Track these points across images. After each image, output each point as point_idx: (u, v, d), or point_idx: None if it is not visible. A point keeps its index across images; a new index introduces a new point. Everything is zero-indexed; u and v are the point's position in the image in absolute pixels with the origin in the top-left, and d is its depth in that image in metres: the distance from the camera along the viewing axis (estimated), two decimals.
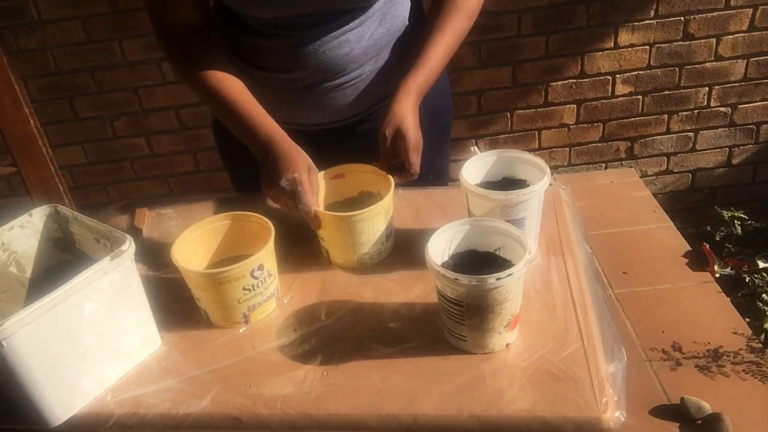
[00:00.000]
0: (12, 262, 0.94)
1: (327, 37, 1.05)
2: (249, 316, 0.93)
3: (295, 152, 0.98)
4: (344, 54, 1.07)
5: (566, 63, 2.15)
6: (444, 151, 1.34)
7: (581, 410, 0.74)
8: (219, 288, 0.89)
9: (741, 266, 1.91)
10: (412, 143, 1.02)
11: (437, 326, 0.87)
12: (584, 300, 0.90)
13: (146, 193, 2.35)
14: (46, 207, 0.96)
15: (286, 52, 1.07)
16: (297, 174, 0.95)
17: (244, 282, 0.89)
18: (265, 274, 0.91)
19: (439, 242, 0.86)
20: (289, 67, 1.09)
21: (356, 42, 1.07)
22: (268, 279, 0.92)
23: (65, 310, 0.78)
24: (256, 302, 0.92)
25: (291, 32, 1.05)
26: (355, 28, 1.06)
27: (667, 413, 1.42)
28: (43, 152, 1.64)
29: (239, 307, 0.91)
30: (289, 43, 1.06)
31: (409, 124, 1.03)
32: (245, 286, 0.89)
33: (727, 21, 2.09)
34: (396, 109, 1.03)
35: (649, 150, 2.34)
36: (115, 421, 0.82)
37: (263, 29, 1.07)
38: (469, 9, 1.09)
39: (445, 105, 1.29)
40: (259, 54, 1.10)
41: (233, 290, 0.89)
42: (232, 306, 0.91)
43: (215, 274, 0.88)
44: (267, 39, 1.07)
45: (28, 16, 2.00)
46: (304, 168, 0.97)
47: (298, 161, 0.97)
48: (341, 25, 1.05)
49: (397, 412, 0.77)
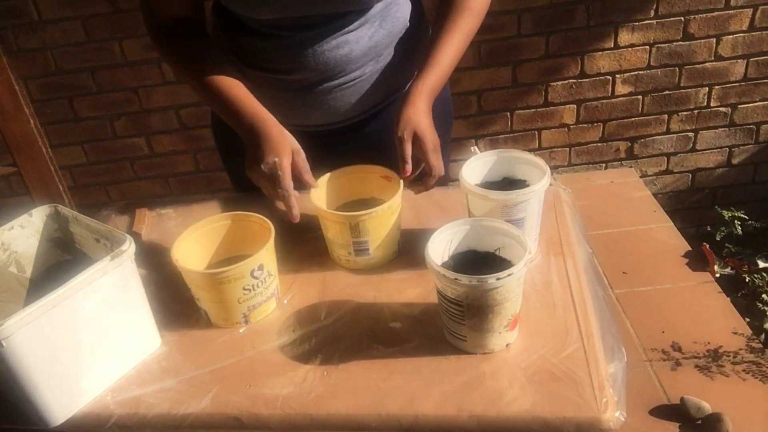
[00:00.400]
0: (12, 262, 0.94)
1: (326, 38, 1.05)
2: (249, 316, 0.93)
3: (279, 135, 0.97)
4: (344, 55, 1.07)
5: (566, 63, 2.15)
6: (445, 150, 1.33)
7: (581, 410, 0.74)
8: (219, 288, 0.89)
9: (741, 266, 1.91)
10: (431, 145, 1.01)
11: (437, 326, 0.87)
12: (584, 300, 0.90)
13: (146, 193, 2.35)
14: (46, 207, 0.96)
15: (286, 53, 1.07)
16: (278, 158, 0.94)
17: (244, 282, 0.89)
18: (265, 274, 0.91)
19: (439, 242, 0.86)
20: (288, 68, 1.09)
21: (356, 43, 1.07)
22: (268, 279, 0.92)
23: (65, 310, 0.78)
24: (256, 302, 0.92)
25: (290, 33, 1.05)
26: (354, 29, 1.06)
27: (667, 413, 1.42)
28: (43, 152, 1.64)
29: (239, 307, 0.91)
30: (288, 44, 1.06)
31: (425, 126, 1.01)
32: (245, 286, 0.89)
33: (727, 21, 2.09)
34: (411, 112, 1.01)
35: (649, 150, 2.34)
36: (115, 421, 0.82)
37: (262, 30, 1.07)
38: (476, 8, 1.09)
39: (446, 107, 1.29)
40: (258, 55, 1.10)
41: (233, 290, 0.89)
42: (232, 306, 0.91)
43: (215, 274, 0.88)
44: (266, 40, 1.07)
45: (28, 16, 2.00)
46: (286, 152, 0.96)
47: (280, 145, 0.96)
48: (341, 27, 1.05)
49: (397, 412, 0.77)
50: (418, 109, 1.02)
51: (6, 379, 0.77)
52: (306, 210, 1.01)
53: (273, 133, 0.97)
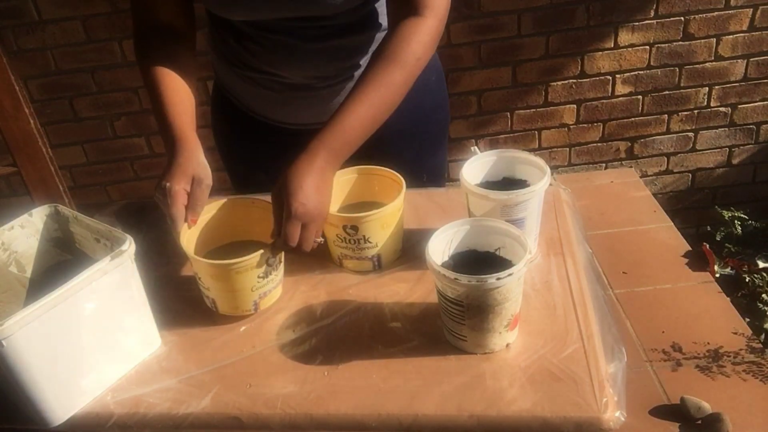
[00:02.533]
0: (12, 262, 0.94)
1: (310, 42, 1.04)
2: (259, 303, 0.93)
3: (185, 162, 0.93)
4: (329, 57, 1.06)
5: (566, 63, 2.15)
6: (440, 151, 1.31)
7: (581, 410, 0.74)
8: (234, 277, 0.89)
9: (741, 266, 1.91)
10: (291, 212, 0.88)
11: (437, 326, 0.87)
12: (584, 300, 0.90)
13: (146, 193, 2.35)
14: (46, 207, 0.96)
15: (268, 54, 1.07)
16: (170, 184, 0.91)
17: (259, 270, 0.89)
18: (277, 260, 0.92)
19: (439, 242, 0.86)
20: (274, 68, 1.08)
21: (340, 48, 1.05)
22: (278, 264, 0.93)
23: (65, 310, 0.78)
24: (267, 289, 0.93)
25: (275, 36, 1.05)
26: (338, 34, 1.04)
27: (667, 413, 1.42)
28: (43, 152, 1.64)
29: (252, 295, 0.91)
30: (274, 47, 1.06)
31: (294, 190, 0.88)
32: (260, 274, 0.90)
33: (727, 21, 2.09)
34: (293, 171, 0.90)
35: (649, 150, 2.34)
36: (115, 421, 0.82)
37: (247, 30, 1.07)
38: (405, 59, 0.95)
39: (440, 104, 1.26)
40: (245, 55, 1.10)
41: (248, 279, 0.89)
42: (245, 294, 0.91)
43: (229, 265, 0.88)
44: (250, 41, 1.07)
45: (28, 16, 2.00)
46: (182, 179, 0.91)
47: (180, 171, 0.92)
48: (325, 30, 1.04)
49: (397, 412, 0.77)
50: (302, 169, 0.90)
51: (6, 379, 0.77)
52: None
53: (181, 158, 0.93)
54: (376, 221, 0.96)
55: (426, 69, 1.07)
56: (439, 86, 1.24)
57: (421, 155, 1.18)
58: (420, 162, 1.18)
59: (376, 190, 1.07)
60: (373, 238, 0.97)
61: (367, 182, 1.07)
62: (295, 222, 0.88)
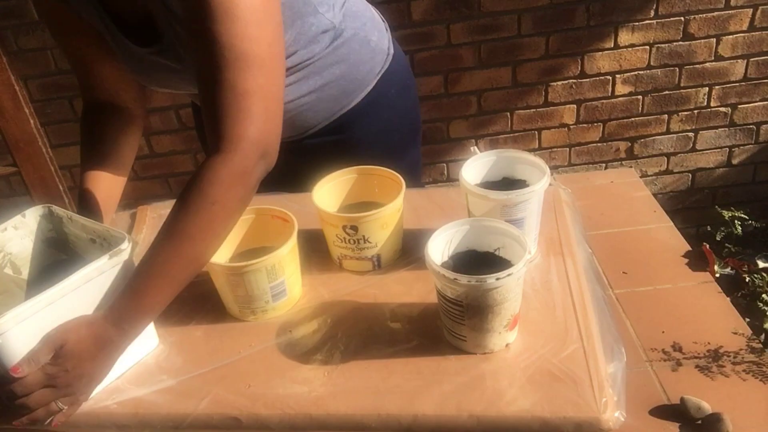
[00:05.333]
0: (7, 263, 0.94)
1: None
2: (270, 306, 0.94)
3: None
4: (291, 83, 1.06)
5: (566, 63, 2.15)
6: (413, 152, 1.30)
7: (581, 410, 0.74)
8: (246, 278, 0.90)
9: (741, 266, 1.91)
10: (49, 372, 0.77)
11: (437, 326, 0.87)
12: (584, 300, 0.90)
13: (146, 193, 2.34)
14: (39, 207, 0.95)
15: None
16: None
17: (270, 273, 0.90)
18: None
19: (438, 242, 0.86)
20: None
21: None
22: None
23: (62, 307, 0.78)
24: (279, 291, 0.93)
25: None
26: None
27: (667, 413, 1.42)
28: (43, 152, 1.64)
29: (265, 296, 0.92)
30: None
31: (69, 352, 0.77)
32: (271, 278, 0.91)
33: (727, 21, 2.09)
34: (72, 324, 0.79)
35: (649, 150, 2.34)
36: (115, 421, 0.82)
37: None
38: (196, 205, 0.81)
39: (402, 114, 1.24)
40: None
41: (259, 281, 0.90)
42: (258, 296, 0.92)
43: (240, 267, 0.89)
44: None
45: (28, 16, 2.00)
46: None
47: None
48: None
49: (397, 412, 0.77)
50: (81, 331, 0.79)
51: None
52: (307, 210, 1.01)
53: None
54: (376, 221, 0.96)
55: (382, 83, 1.13)
56: (401, 97, 1.22)
57: (393, 158, 1.17)
58: (391, 164, 1.18)
59: (375, 191, 1.07)
60: (372, 238, 0.97)
61: (367, 182, 1.07)
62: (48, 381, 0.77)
